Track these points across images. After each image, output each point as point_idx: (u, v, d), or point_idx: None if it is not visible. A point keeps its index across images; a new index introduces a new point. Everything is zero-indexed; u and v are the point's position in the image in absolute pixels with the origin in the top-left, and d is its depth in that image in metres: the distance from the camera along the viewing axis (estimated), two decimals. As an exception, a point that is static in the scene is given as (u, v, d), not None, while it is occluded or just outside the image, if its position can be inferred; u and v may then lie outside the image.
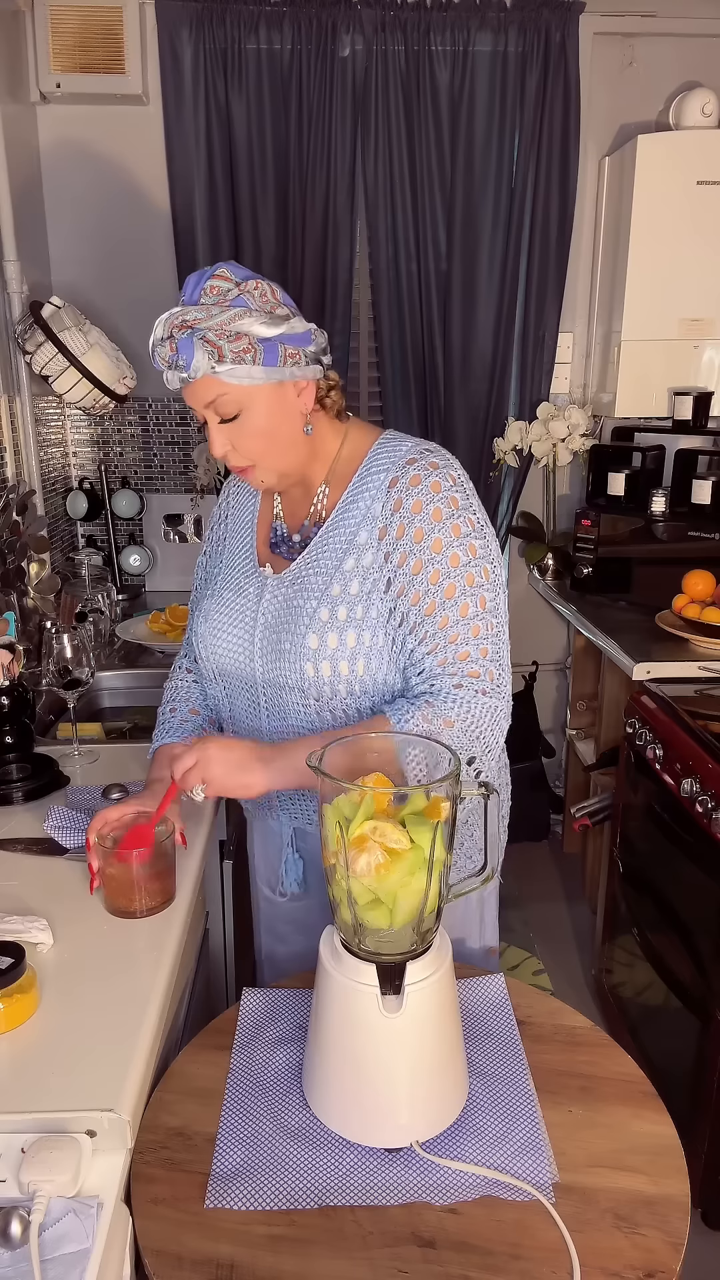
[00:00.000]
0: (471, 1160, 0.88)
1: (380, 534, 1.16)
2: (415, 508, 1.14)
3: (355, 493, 1.20)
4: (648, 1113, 0.95)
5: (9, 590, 1.90)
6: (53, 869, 1.26)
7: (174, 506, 2.88)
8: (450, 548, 1.14)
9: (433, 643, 1.14)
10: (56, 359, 2.30)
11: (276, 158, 2.60)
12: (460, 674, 1.13)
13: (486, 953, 1.40)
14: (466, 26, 2.51)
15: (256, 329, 1.09)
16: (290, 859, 1.35)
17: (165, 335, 1.09)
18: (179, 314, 1.09)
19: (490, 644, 1.15)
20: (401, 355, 2.78)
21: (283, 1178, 0.87)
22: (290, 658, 1.18)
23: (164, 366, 1.11)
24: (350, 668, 1.16)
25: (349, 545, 1.18)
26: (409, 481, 1.15)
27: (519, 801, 1.56)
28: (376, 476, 1.18)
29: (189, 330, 1.08)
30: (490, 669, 1.14)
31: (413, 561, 1.14)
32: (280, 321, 1.11)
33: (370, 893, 0.85)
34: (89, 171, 2.65)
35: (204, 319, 1.08)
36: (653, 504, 2.56)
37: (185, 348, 1.08)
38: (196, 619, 1.32)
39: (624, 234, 2.56)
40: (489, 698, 1.13)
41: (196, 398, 1.13)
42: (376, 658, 1.16)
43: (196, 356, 1.08)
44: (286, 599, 1.21)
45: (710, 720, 1.88)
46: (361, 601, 1.16)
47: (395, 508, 1.15)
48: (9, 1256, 0.73)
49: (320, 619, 1.16)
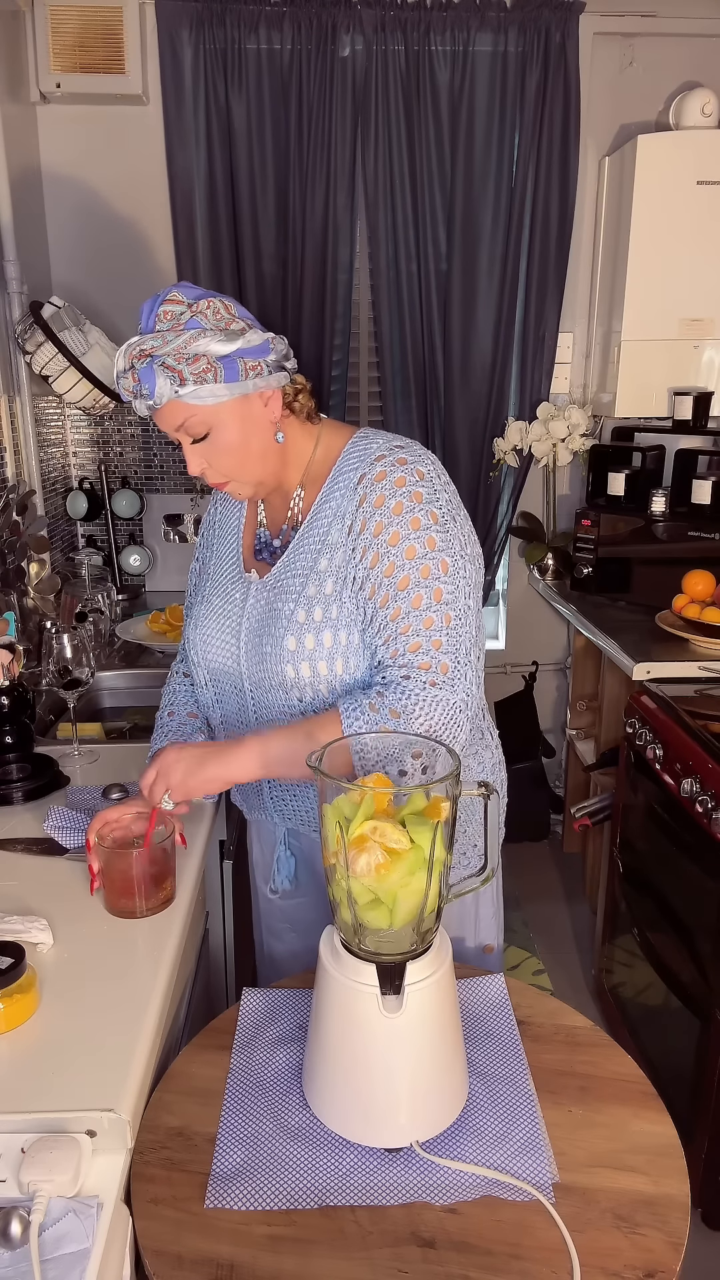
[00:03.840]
0: (471, 1160, 0.88)
1: (348, 530, 1.17)
2: (378, 502, 1.15)
3: (328, 493, 1.20)
4: (648, 1113, 0.95)
5: (9, 590, 1.90)
6: (53, 869, 1.26)
7: (174, 506, 2.88)
8: (406, 540, 1.13)
9: (385, 634, 1.14)
10: (56, 359, 2.30)
11: (276, 158, 2.60)
12: (410, 665, 1.12)
13: (482, 951, 1.40)
14: (466, 26, 2.51)
15: (213, 347, 1.10)
16: (282, 856, 1.37)
17: (126, 367, 1.10)
18: (136, 343, 1.10)
19: (445, 636, 1.13)
20: (401, 355, 2.78)
21: (283, 1178, 0.87)
22: (272, 660, 1.20)
23: (130, 397, 1.12)
24: (329, 668, 1.17)
25: (322, 545, 1.19)
26: (374, 477, 1.16)
27: (519, 802, 1.56)
28: (347, 475, 1.19)
29: (148, 359, 1.09)
30: (443, 661, 1.12)
31: (372, 555, 1.15)
32: (236, 337, 1.11)
33: (370, 893, 0.85)
34: (89, 171, 2.65)
35: (160, 345, 1.09)
36: (653, 504, 2.55)
37: (146, 376, 1.09)
38: (189, 625, 1.34)
39: (624, 234, 2.56)
40: (439, 689, 1.11)
41: (166, 422, 1.15)
42: (354, 656, 1.17)
43: (159, 383, 1.09)
44: (268, 603, 1.22)
45: (710, 720, 1.88)
46: (336, 601, 1.16)
47: (360, 502, 1.16)
48: (9, 1256, 0.73)
49: (297, 621, 1.18)
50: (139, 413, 1.13)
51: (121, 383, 1.12)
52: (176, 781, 1.15)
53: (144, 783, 1.18)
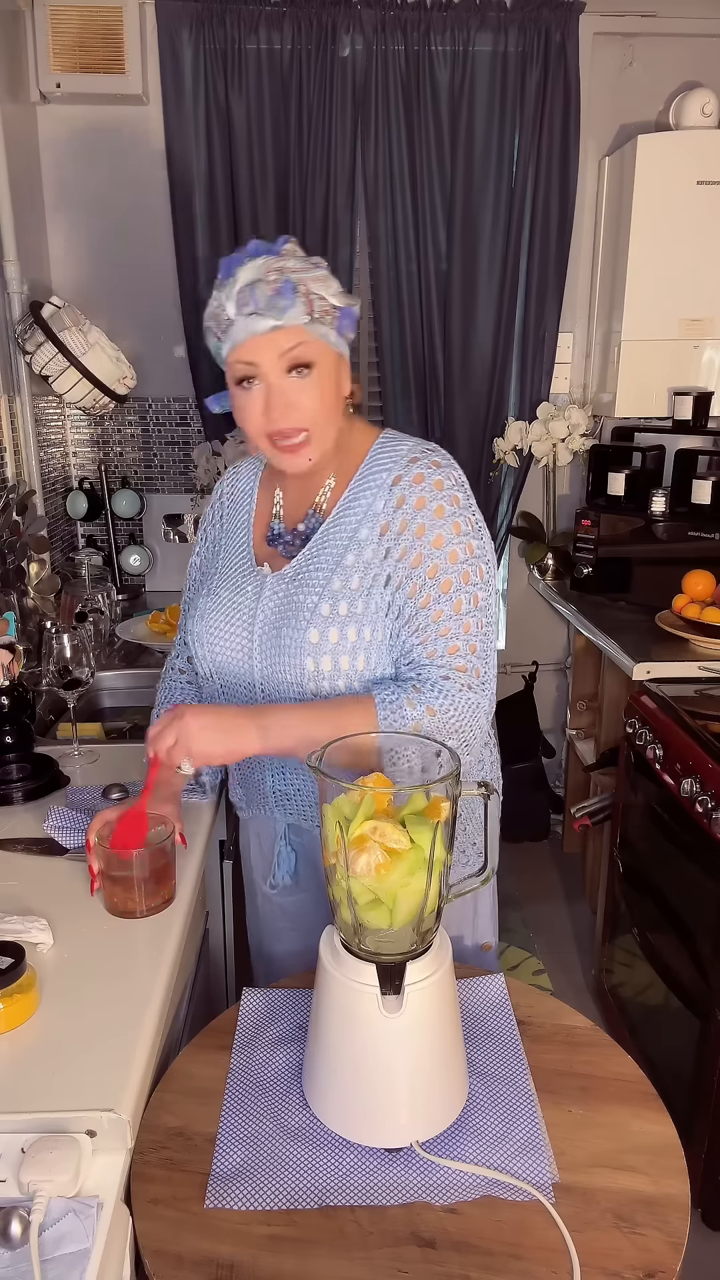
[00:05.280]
0: (471, 1160, 0.88)
1: (382, 530, 1.17)
2: (418, 504, 1.15)
3: (358, 489, 1.20)
4: (648, 1113, 0.95)
5: (9, 590, 1.90)
6: (53, 869, 1.26)
7: (174, 506, 2.88)
8: (449, 544, 1.14)
9: (424, 634, 1.15)
10: (56, 359, 2.30)
11: (276, 158, 2.60)
12: (448, 667, 1.13)
13: (480, 949, 1.40)
14: (466, 26, 2.50)
15: (334, 297, 1.11)
16: (283, 851, 1.36)
17: (256, 279, 1.07)
18: (274, 261, 1.08)
19: (479, 640, 1.15)
20: (401, 355, 2.78)
21: (283, 1178, 0.87)
22: (291, 652, 1.18)
23: (251, 308, 1.07)
24: (351, 662, 1.16)
25: (350, 541, 1.18)
26: (412, 479, 1.16)
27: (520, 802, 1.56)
28: (379, 475, 1.19)
29: (286, 277, 1.07)
30: (477, 665, 1.15)
31: (413, 556, 1.15)
32: (346, 297, 1.13)
33: (370, 893, 0.85)
34: (89, 171, 2.65)
35: (301, 271, 1.08)
36: (653, 504, 2.56)
37: (287, 290, 1.06)
38: (192, 619, 1.31)
39: (624, 234, 2.56)
40: (473, 693, 1.14)
41: (272, 345, 1.09)
42: (375, 652, 1.16)
43: (296, 302, 1.07)
44: (287, 594, 1.21)
45: (710, 720, 1.88)
46: (362, 596, 1.16)
47: (398, 504, 1.16)
48: (9, 1256, 0.73)
49: (321, 613, 1.16)
50: (240, 334, 1.08)
51: (256, 290, 1.06)
52: (199, 749, 1.11)
53: (160, 744, 1.11)
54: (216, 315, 1.12)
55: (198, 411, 2.84)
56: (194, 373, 2.76)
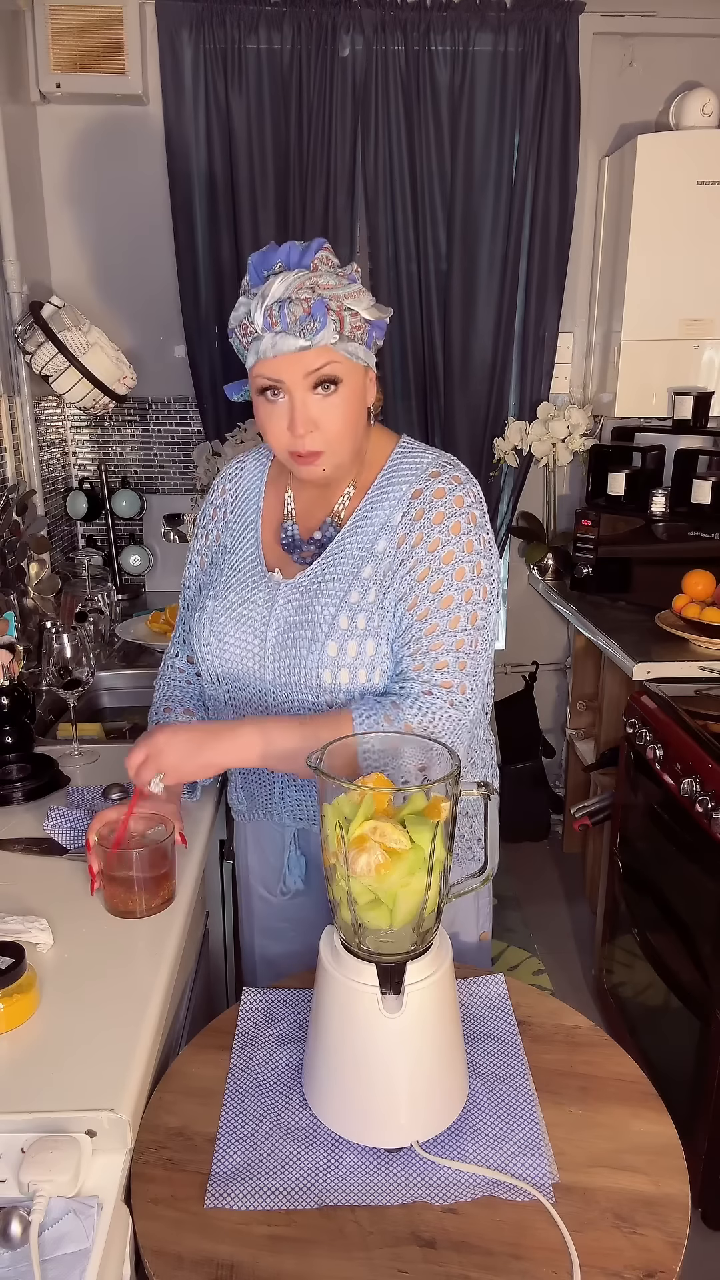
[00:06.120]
0: (471, 1160, 0.88)
1: (399, 543, 1.16)
2: (437, 519, 1.15)
3: (375, 500, 1.19)
4: (647, 1113, 0.95)
5: (9, 590, 1.90)
6: (53, 869, 1.26)
7: (174, 506, 2.88)
8: (459, 561, 1.14)
9: (415, 647, 1.14)
10: (56, 359, 2.30)
11: (276, 158, 2.59)
12: (432, 682, 1.13)
13: (478, 945, 1.40)
14: (466, 26, 2.50)
15: (366, 311, 1.09)
16: (293, 856, 1.34)
17: (287, 296, 1.04)
18: (305, 276, 1.05)
19: (470, 659, 1.14)
20: (401, 355, 2.78)
21: (283, 1178, 0.87)
22: (307, 664, 1.17)
23: (281, 328, 1.05)
24: (368, 675, 1.16)
25: (367, 553, 1.18)
26: (433, 494, 1.16)
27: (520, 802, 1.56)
28: (398, 487, 1.18)
29: (319, 296, 1.05)
30: (464, 682, 1.14)
31: (420, 569, 1.14)
32: (378, 310, 1.11)
33: (370, 893, 0.85)
34: (89, 171, 2.65)
35: (333, 287, 1.06)
36: (653, 504, 2.56)
37: (319, 310, 1.05)
38: (197, 621, 1.28)
39: (624, 234, 2.56)
40: (455, 710, 1.13)
41: (299, 364, 1.08)
42: (389, 666, 1.16)
43: (328, 323, 1.05)
44: (302, 604, 1.19)
45: (710, 720, 1.88)
46: (379, 609, 1.15)
47: (417, 518, 1.16)
48: (9, 1256, 0.73)
49: (340, 627, 1.15)
50: (268, 351, 1.06)
51: (287, 309, 1.04)
52: (170, 765, 1.12)
53: (130, 762, 1.14)
54: (243, 324, 1.10)
55: (198, 411, 2.84)
56: (194, 373, 2.76)
